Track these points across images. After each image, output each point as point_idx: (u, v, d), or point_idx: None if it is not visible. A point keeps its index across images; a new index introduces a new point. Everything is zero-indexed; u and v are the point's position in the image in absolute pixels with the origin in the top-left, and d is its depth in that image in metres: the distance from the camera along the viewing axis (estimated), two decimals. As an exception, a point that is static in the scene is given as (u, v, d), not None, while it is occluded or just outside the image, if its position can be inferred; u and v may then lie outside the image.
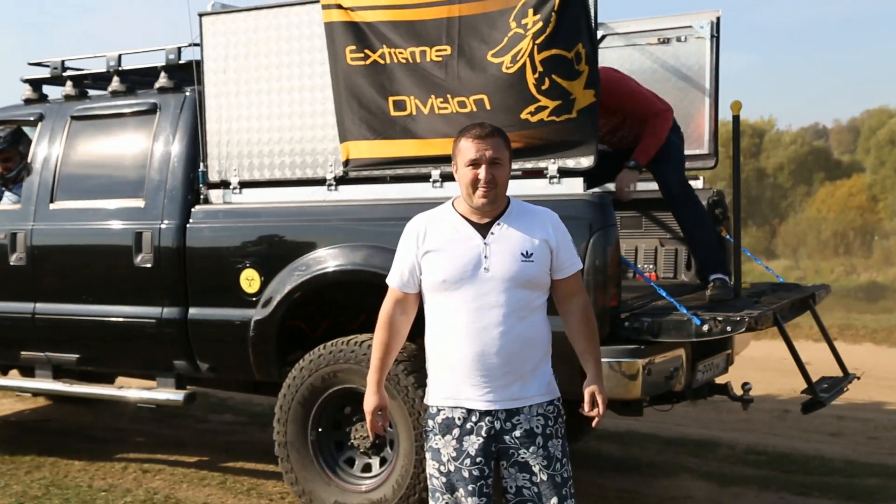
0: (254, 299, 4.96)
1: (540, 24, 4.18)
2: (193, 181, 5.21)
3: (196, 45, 5.15)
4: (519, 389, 3.00)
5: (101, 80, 5.89)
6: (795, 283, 6.18)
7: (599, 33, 5.45)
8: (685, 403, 7.95)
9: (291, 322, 5.02)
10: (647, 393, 4.24)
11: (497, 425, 3.00)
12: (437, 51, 4.41)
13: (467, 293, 2.98)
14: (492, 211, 3.05)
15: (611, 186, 4.98)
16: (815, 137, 44.67)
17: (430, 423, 3.09)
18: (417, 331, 4.67)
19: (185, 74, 5.31)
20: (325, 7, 4.66)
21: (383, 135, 4.62)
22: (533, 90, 4.23)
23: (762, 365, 10.04)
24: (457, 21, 4.37)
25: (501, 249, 3.00)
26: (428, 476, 3.11)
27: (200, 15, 5.10)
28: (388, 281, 3.21)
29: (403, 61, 4.50)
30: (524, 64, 4.21)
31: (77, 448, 6.54)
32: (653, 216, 5.37)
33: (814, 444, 6.70)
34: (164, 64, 5.45)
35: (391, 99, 4.57)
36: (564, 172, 4.33)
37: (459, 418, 3.02)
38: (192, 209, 5.20)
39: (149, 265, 5.21)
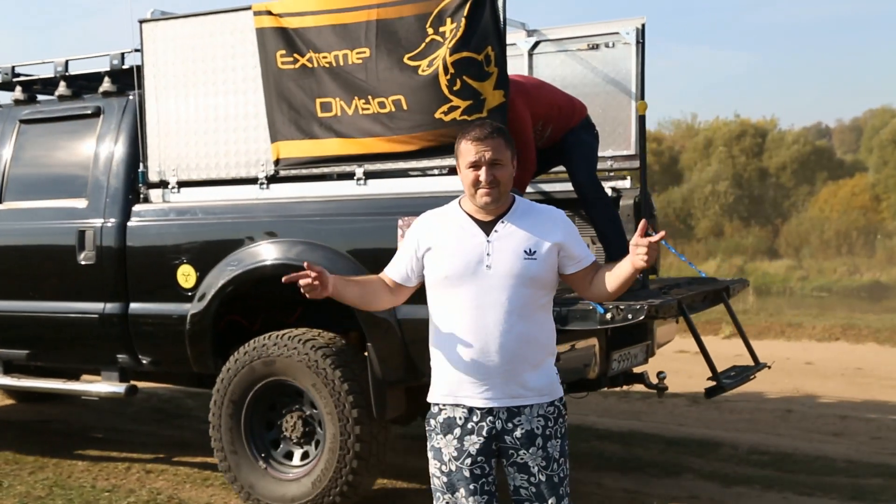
0: (190, 294, 5.18)
1: (453, 28, 4.42)
2: (134, 181, 5.45)
3: (138, 50, 5.39)
4: (520, 388, 3.00)
5: (50, 84, 6.08)
6: (713, 277, 6.42)
7: (533, 40, 5.84)
8: (685, 403, 7.99)
9: (231, 317, 5.27)
10: (560, 380, 4.31)
11: (498, 425, 3.01)
12: (357, 53, 4.66)
13: (470, 290, 2.99)
14: (496, 209, 3.05)
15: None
16: (818, 137, 44.63)
17: (432, 422, 3.09)
18: (352, 323, 4.91)
19: (130, 79, 5.53)
20: (256, 14, 4.92)
21: (311, 135, 4.87)
22: (446, 91, 4.45)
23: (765, 365, 10.05)
24: (374, 24, 4.61)
25: (504, 247, 3.00)
26: (430, 476, 3.12)
27: (140, 21, 5.36)
28: (385, 271, 3.22)
29: (328, 65, 4.75)
30: (438, 66, 4.45)
31: (80, 448, 6.55)
32: (583, 215, 5.56)
33: (816, 443, 6.70)
34: (108, 69, 5.69)
35: (318, 100, 4.81)
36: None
37: (461, 418, 3.03)
38: (133, 208, 5.44)
39: (91, 262, 5.44)
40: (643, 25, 5.70)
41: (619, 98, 5.76)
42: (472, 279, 2.99)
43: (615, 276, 3.02)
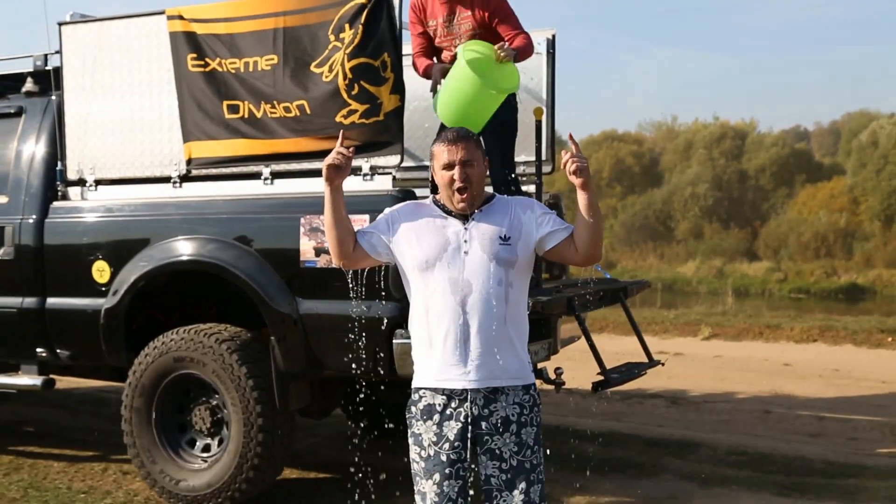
0: (104, 289, 5.35)
1: (351, 35, 4.65)
2: (53, 179, 5.60)
3: (58, 52, 5.55)
4: (496, 370, 3.10)
5: None
6: (615, 278, 6.59)
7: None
8: (665, 404, 8.02)
9: (149, 312, 5.42)
10: None
11: (475, 411, 3.09)
12: (266, 60, 4.88)
13: (447, 273, 3.10)
14: (473, 206, 3.18)
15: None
16: (797, 140, 44.93)
17: (413, 409, 3.18)
18: (257, 321, 5.05)
19: (53, 80, 5.68)
20: (169, 18, 5.16)
21: (220, 136, 5.08)
22: (345, 95, 4.68)
23: (743, 366, 10.10)
24: (282, 32, 4.84)
25: (481, 233, 3.12)
26: (410, 461, 3.20)
27: (59, 24, 5.50)
28: (358, 230, 3.27)
29: (235, 70, 4.97)
30: (337, 72, 4.68)
31: (56, 450, 6.50)
32: None
33: (794, 444, 6.74)
34: (32, 70, 5.84)
35: (226, 103, 5.02)
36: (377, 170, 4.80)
37: (440, 404, 3.12)
38: (51, 205, 5.59)
39: (10, 258, 5.59)
40: (553, 36, 5.98)
41: (531, 106, 5.87)
42: (450, 264, 3.10)
43: (581, 213, 3.10)
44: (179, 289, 5.37)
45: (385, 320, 4.63)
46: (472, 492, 3.16)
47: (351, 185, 4.48)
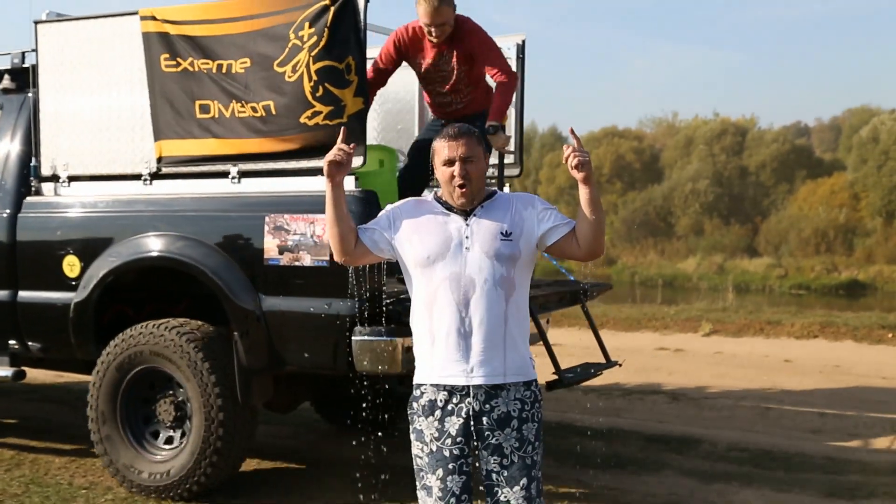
0: (74, 283, 5.45)
1: (315, 37, 4.74)
2: (27, 175, 5.70)
3: (34, 50, 5.63)
4: (499, 366, 3.11)
5: None
6: (575, 279, 6.61)
7: None
8: (665, 400, 8.03)
9: (119, 307, 5.54)
10: (410, 367, 4.84)
11: (476, 406, 3.10)
12: (240, 63, 4.99)
13: (449, 270, 3.11)
14: (474, 202, 3.20)
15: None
16: (797, 135, 44.91)
17: (415, 405, 3.20)
18: (221, 316, 5.15)
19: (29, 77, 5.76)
20: (143, 19, 5.25)
21: (191, 134, 5.18)
22: (309, 97, 4.78)
23: (744, 362, 10.10)
24: (253, 35, 4.95)
25: (482, 229, 3.14)
26: (413, 457, 3.21)
27: (35, 22, 5.58)
28: (360, 227, 3.28)
29: (207, 70, 5.08)
30: (302, 73, 4.78)
31: (57, 445, 6.50)
32: None
33: (795, 440, 6.74)
34: (9, 67, 5.89)
35: (197, 102, 5.12)
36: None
37: (441, 400, 3.13)
38: (25, 200, 5.70)
39: None
40: (523, 41, 6.08)
41: None
42: (452, 260, 3.11)
43: (582, 208, 3.11)
44: (150, 284, 5.50)
45: (344, 318, 4.74)
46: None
47: (315, 185, 4.78)
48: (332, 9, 4.70)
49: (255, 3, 4.98)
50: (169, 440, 5.34)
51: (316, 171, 4.70)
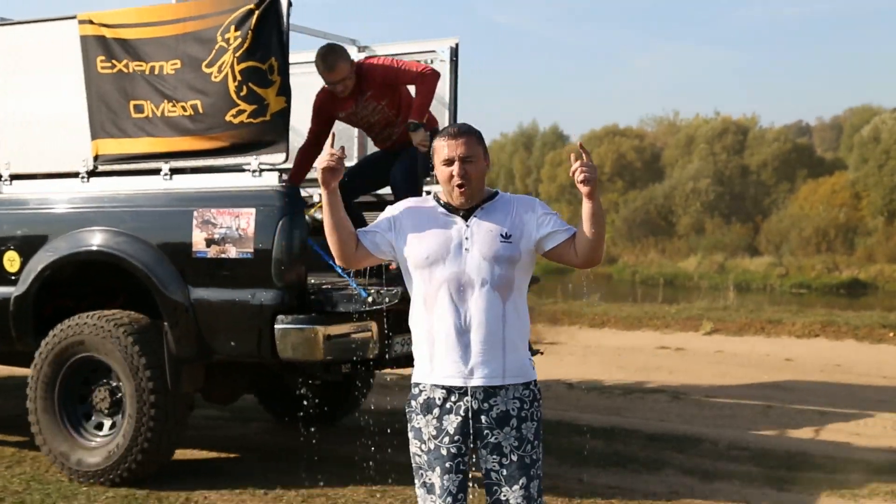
0: (14, 278, 5.68)
1: (239, 39, 5.00)
2: None
3: None
4: (497, 368, 3.10)
5: None
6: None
7: (365, 54, 6.42)
8: (666, 399, 8.02)
9: (61, 302, 5.69)
10: (331, 356, 5.04)
11: (474, 405, 3.10)
12: (171, 64, 5.25)
13: (449, 270, 3.10)
14: (474, 203, 3.18)
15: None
16: (799, 135, 44.89)
17: (413, 403, 3.19)
18: (155, 313, 5.32)
19: None
20: (80, 23, 5.48)
21: (125, 134, 5.42)
22: (234, 96, 5.04)
23: (745, 361, 10.10)
24: (183, 38, 5.22)
25: (482, 231, 3.13)
26: (411, 455, 3.21)
27: None
28: (359, 230, 3.27)
29: (141, 71, 5.32)
30: (227, 74, 5.04)
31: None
32: None
33: (796, 439, 6.74)
34: None
35: (132, 102, 5.37)
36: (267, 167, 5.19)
37: (439, 398, 3.12)
38: None
39: None
40: (457, 45, 6.32)
41: (436, 108, 6.20)
42: (452, 261, 3.10)
43: (584, 221, 3.11)
44: (91, 279, 5.70)
45: (268, 307, 5.00)
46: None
47: (240, 181, 5.19)
48: (257, 12, 4.96)
49: (185, 7, 5.27)
50: (103, 427, 5.55)
51: (241, 168, 5.17)
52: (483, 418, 3.10)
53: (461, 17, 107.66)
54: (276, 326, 4.96)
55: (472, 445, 3.13)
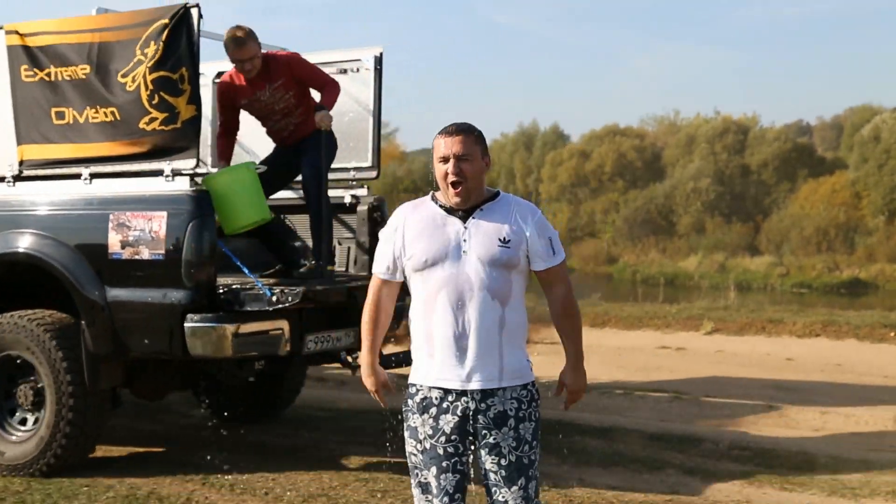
0: None
1: (152, 50, 5.28)
2: None
3: None
4: (494, 371, 3.09)
5: None
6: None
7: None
8: (667, 399, 8.02)
9: None
10: (240, 352, 5.33)
11: (472, 406, 3.09)
12: (81, 69, 5.50)
13: (447, 274, 3.09)
14: (471, 203, 3.15)
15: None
16: (799, 134, 44.89)
17: (410, 402, 3.19)
18: (73, 313, 5.49)
19: None
20: (7, 33, 5.77)
21: (49, 139, 5.69)
22: (146, 104, 5.33)
23: (746, 360, 10.10)
24: (97, 46, 5.48)
25: (480, 233, 3.11)
26: (407, 454, 3.20)
27: None
28: (374, 271, 3.30)
29: (61, 78, 5.57)
30: (139, 83, 5.32)
31: (58, 443, 6.49)
32: (340, 219, 6.51)
33: (797, 439, 6.73)
34: None
35: (54, 109, 5.64)
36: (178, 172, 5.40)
37: (436, 398, 3.12)
38: None
39: None
40: (381, 54, 6.53)
41: (361, 115, 6.56)
42: (450, 263, 3.09)
43: (560, 333, 3.29)
44: (19, 279, 5.88)
45: (178, 306, 5.22)
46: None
47: (153, 185, 5.42)
48: (169, 24, 5.23)
49: (104, 19, 5.59)
50: (27, 422, 5.74)
51: (156, 173, 5.41)
52: (481, 418, 3.09)
53: (461, 17, 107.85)
54: (185, 325, 5.20)
55: (471, 446, 3.13)
